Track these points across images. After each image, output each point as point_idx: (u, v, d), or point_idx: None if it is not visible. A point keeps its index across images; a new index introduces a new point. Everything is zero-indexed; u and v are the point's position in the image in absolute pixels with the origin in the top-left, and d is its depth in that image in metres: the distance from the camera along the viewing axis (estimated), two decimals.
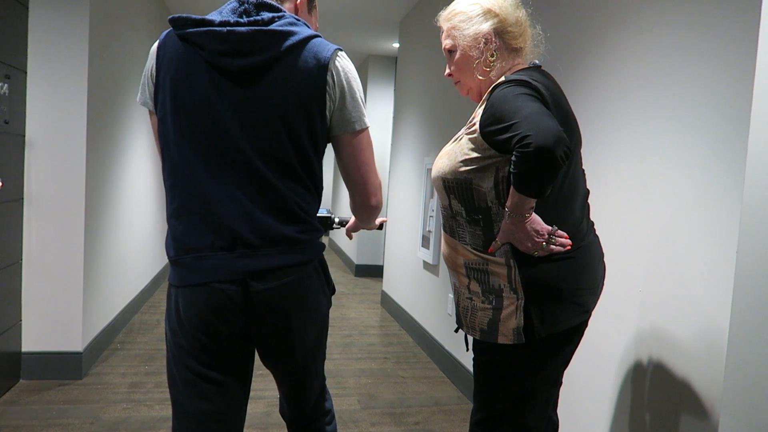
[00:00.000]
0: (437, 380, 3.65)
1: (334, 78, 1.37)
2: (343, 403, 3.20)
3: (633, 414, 1.91)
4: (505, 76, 1.50)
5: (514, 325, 1.47)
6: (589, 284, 1.52)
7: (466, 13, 1.57)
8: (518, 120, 1.31)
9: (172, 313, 1.43)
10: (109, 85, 3.69)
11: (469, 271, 1.55)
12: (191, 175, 1.37)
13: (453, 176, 1.51)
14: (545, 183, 1.32)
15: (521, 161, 1.29)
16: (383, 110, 7.13)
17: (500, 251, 1.48)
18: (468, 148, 1.48)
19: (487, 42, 1.55)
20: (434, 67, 4.34)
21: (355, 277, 7.03)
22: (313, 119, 1.36)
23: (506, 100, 1.39)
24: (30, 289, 3.20)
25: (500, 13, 1.55)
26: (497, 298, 1.49)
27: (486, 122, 1.43)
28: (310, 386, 1.56)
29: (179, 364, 1.44)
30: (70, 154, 3.20)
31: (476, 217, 1.51)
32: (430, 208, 4.13)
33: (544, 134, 1.26)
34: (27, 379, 3.22)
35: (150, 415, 2.88)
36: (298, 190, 1.40)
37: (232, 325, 1.39)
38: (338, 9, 5.18)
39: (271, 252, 1.38)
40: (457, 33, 1.58)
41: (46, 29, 3.13)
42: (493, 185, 1.46)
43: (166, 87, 1.37)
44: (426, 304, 4.25)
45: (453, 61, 1.61)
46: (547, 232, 1.43)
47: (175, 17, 1.36)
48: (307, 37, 1.36)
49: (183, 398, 1.44)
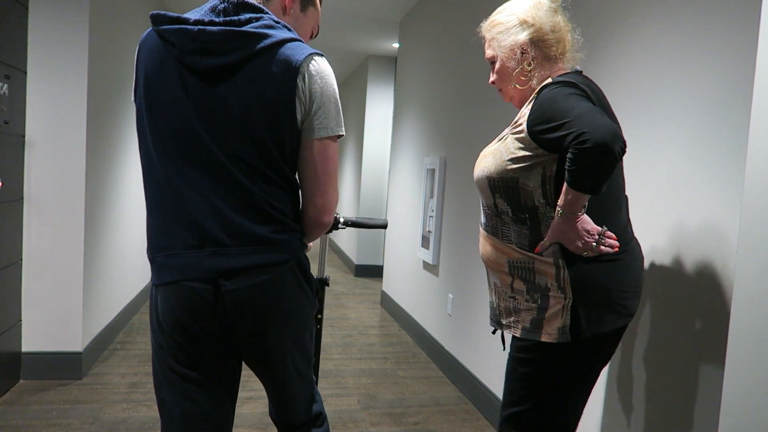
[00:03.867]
0: (437, 380, 3.65)
1: (306, 81, 1.34)
2: (343, 403, 3.20)
3: (633, 414, 1.91)
4: (552, 78, 1.52)
5: (559, 324, 1.48)
6: (634, 287, 1.53)
7: (503, 24, 1.59)
8: (571, 118, 1.33)
9: (153, 312, 1.43)
10: (109, 85, 3.69)
11: (513, 270, 1.55)
12: (164, 173, 1.36)
13: (499, 175, 1.52)
14: (602, 179, 1.34)
15: (579, 158, 1.31)
16: (383, 110, 7.13)
17: (548, 251, 1.49)
18: (515, 147, 1.49)
19: (523, 52, 1.57)
20: (434, 68, 4.34)
21: (355, 277, 7.03)
22: (280, 122, 1.34)
23: (556, 100, 1.41)
24: (30, 289, 3.20)
25: (535, 22, 1.56)
26: (543, 296, 1.50)
27: (534, 122, 1.44)
28: (294, 390, 1.53)
29: (162, 363, 1.43)
30: (70, 154, 3.20)
31: (523, 216, 1.52)
32: (430, 208, 4.13)
33: (601, 131, 1.28)
34: (27, 379, 3.22)
35: (150, 415, 2.88)
36: (271, 190, 1.38)
37: (205, 324, 1.38)
38: (338, 9, 5.18)
39: (243, 251, 1.36)
40: (495, 44, 1.61)
41: (46, 29, 3.14)
42: (540, 184, 1.48)
43: (141, 83, 1.37)
44: (426, 304, 4.25)
45: (494, 70, 1.64)
46: (597, 232, 1.45)
47: (154, 13, 1.36)
48: (282, 41, 1.34)
49: (167, 398, 1.44)
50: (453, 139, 3.84)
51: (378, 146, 7.14)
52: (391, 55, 7.01)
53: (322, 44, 6.64)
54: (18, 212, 3.11)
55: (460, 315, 3.55)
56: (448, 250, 3.83)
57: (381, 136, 7.13)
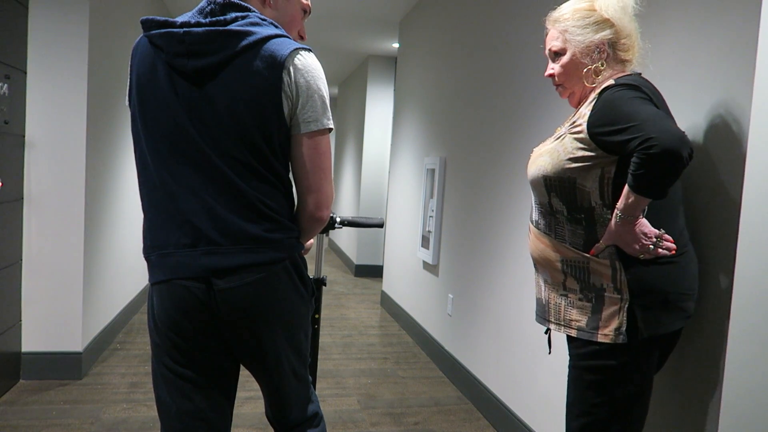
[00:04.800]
0: (437, 380, 3.65)
1: (291, 76, 1.34)
2: (343, 403, 3.20)
3: None
4: (614, 80, 1.50)
5: (616, 324, 1.47)
6: (691, 289, 1.53)
7: (582, 18, 1.54)
8: (637, 122, 1.33)
9: (149, 311, 1.45)
10: (109, 85, 3.69)
11: (567, 268, 1.55)
12: (158, 174, 1.38)
13: (556, 174, 1.51)
14: (667, 185, 1.34)
15: (646, 163, 1.30)
16: (383, 110, 7.13)
17: (604, 252, 1.49)
18: (574, 147, 1.49)
19: (600, 51, 1.55)
20: (434, 68, 4.34)
21: (355, 277, 7.03)
22: (267, 119, 1.34)
23: (620, 103, 1.40)
24: (30, 289, 3.20)
25: (617, 24, 1.53)
26: (597, 296, 1.50)
27: (596, 123, 1.44)
28: (289, 390, 1.52)
29: (159, 362, 1.44)
30: (70, 154, 3.20)
31: (578, 216, 1.52)
32: (430, 208, 4.13)
33: (669, 136, 1.28)
34: (27, 379, 3.22)
35: (150, 415, 2.88)
36: (264, 188, 1.38)
37: (198, 323, 1.39)
38: (338, 9, 5.18)
39: (235, 250, 1.36)
40: (570, 37, 1.56)
41: (46, 29, 3.14)
42: (597, 185, 1.48)
43: (134, 88, 1.39)
44: (426, 305, 4.25)
45: (560, 63, 1.59)
46: (654, 235, 1.45)
47: (143, 19, 1.38)
48: (266, 37, 1.34)
49: (164, 396, 1.45)
50: (453, 139, 3.84)
51: (378, 146, 7.14)
52: (391, 55, 7.01)
53: (322, 44, 6.65)
54: (18, 212, 3.12)
55: (460, 315, 3.55)
56: (448, 250, 3.83)
57: (381, 136, 7.13)
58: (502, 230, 3.01)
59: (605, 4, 1.53)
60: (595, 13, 1.54)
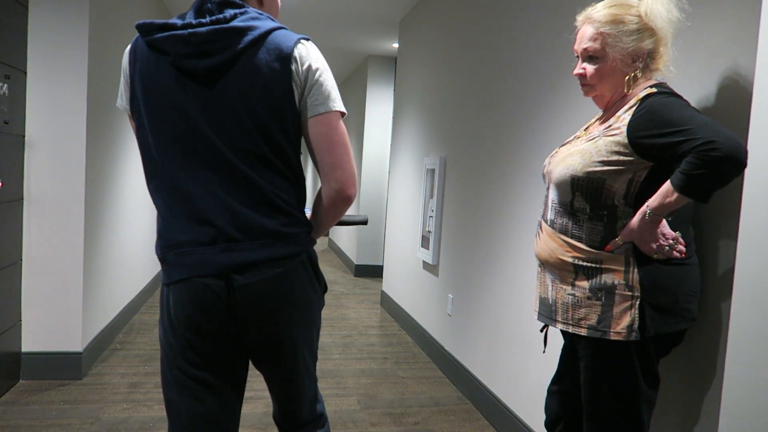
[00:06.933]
0: (437, 380, 3.65)
1: (299, 65, 1.37)
2: (342, 403, 3.20)
3: None
4: (657, 87, 1.51)
5: (628, 322, 1.49)
6: (697, 291, 1.55)
7: (626, 23, 1.51)
8: (692, 126, 1.35)
9: (164, 311, 1.44)
10: (109, 85, 3.69)
11: (578, 267, 1.55)
12: (172, 175, 1.38)
13: (586, 174, 1.52)
14: (717, 189, 1.37)
15: (707, 164, 1.32)
16: (383, 110, 7.13)
17: (619, 249, 1.51)
18: (608, 150, 1.50)
19: (640, 60, 1.55)
20: (434, 67, 4.34)
21: (355, 277, 7.03)
22: (281, 110, 1.37)
23: (672, 108, 1.42)
24: (30, 289, 3.20)
25: (659, 34, 1.52)
26: (608, 294, 1.51)
27: (641, 127, 1.45)
28: (302, 388, 1.53)
29: (171, 363, 1.44)
30: (69, 154, 3.20)
31: (601, 213, 1.53)
32: (430, 208, 4.13)
33: (731, 142, 1.31)
34: (27, 379, 3.22)
35: (150, 415, 2.88)
36: (278, 182, 1.39)
37: (217, 322, 1.39)
38: (338, 9, 5.18)
39: (254, 246, 1.37)
40: (611, 41, 1.52)
41: (46, 29, 3.14)
42: (625, 186, 1.50)
43: (140, 93, 1.39)
44: (426, 305, 4.25)
45: (595, 65, 1.57)
46: (671, 237, 1.47)
47: (140, 24, 1.38)
48: (269, 30, 1.37)
49: (175, 398, 1.44)
50: (453, 139, 3.84)
51: (378, 146, 7.14)
52: (391, 55, 7.01)
53: (322, 44, 6.64)
54: (18, 212, 3.11)
55: (460, 315, 3.55)
56: (448, 250, 3.83)
57: (381, 136, 7.13)
58: (502, 230, 3.01)
59: (653, 14, 1.50)
60: (640, 21, 1.51)
